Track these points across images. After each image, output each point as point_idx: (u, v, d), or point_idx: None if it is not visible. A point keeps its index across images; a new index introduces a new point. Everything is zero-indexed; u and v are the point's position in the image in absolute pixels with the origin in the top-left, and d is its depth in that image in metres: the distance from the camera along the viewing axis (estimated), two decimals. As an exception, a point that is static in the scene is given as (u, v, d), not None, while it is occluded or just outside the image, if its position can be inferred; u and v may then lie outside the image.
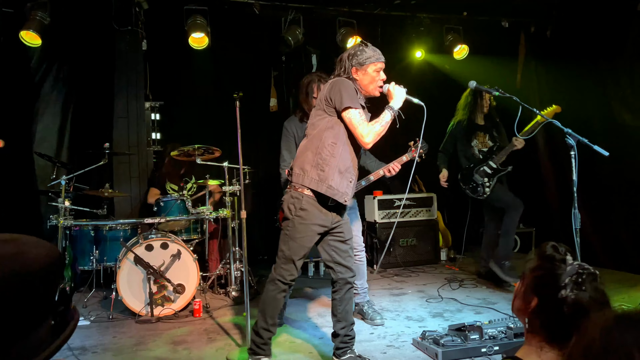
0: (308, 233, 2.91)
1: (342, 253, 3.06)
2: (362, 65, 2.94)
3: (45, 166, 5.54)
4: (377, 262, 5.94)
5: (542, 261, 1.48)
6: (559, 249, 1.47)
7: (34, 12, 4.95)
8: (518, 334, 3.18)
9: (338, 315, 3.09)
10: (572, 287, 1.37)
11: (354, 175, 3.00)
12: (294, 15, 5.78)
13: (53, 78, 5.75)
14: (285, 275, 2.96)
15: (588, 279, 1.38)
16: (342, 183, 2.91)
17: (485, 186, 4.81)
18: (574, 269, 1.40)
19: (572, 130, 2.92)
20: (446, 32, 6.33)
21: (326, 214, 2.94)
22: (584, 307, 1.35)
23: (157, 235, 4.34)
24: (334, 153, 2.88)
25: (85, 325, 4.06)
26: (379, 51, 3.00)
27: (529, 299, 1.47)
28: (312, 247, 3.06)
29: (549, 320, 1.40)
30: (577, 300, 1.35)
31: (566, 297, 1.36)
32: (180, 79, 6.18)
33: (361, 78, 2.97)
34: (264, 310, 3.01)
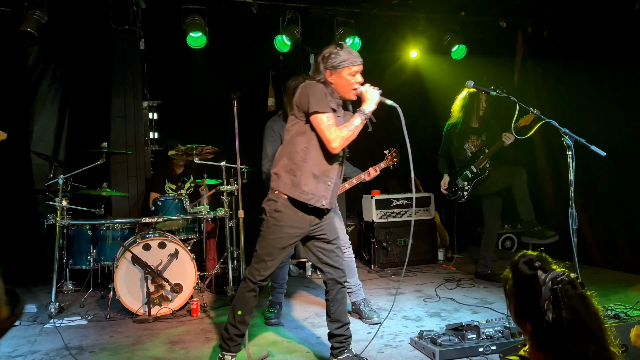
0: (280, 235, 2.90)
1: (328, 253, 3.04)
2: (336, 68, 2.87)
3: (43, 165, 5.54)
4: (375, 261, 5.95)
5: (517, 286, 1.47)
6: (532, 263, 1.46)
7: (31, 11, 4.93)
8: (515, 333, 3.19)
9: (332, 315, 3.09)
10: (553, 309, 1.37)
11: (334, 178, 2.95)
12: (291, 14, 5.78)
13: (50, 77, 5.74)
14: (254, 275, 2.95)
15: (565, 289, 1.37)
16: (319, 187, 2.88)
17: (464, 190, 4.87)
18: (548, 290, 1.38)
19: (569, 131, 2.92)
20: (444, 32, 6.33)
21: (303, 216, 2.91)
22: (567, 323, 1.35)
23: (154, 234, 4.33)
24: (306, 158, 2.87)
25: (82, 325, 4.05)
26: (355, 53, 2.92)
27: (522, 323, 1.47)
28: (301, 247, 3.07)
29: (546, 340, 1.40)
30: (559, 320, 1.36)
31: (550, 320, 1.37)
32: (178, 78, 6.17)
33: (336, 81, 2.91)
34: (233, 307, 3.02)
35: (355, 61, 2.90)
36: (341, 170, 3.05)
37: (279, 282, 4.05)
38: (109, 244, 4.62)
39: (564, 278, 1.39)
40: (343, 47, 2.91)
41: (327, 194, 2.92)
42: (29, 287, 5.30)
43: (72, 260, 4.69)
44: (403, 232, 6.06)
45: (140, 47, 5.69)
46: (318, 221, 2.99)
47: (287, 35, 5.74)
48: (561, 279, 1.39)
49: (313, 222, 2.97)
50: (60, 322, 4.06)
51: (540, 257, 1.46)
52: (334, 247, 3.06)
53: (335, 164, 2.96)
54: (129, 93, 5.64)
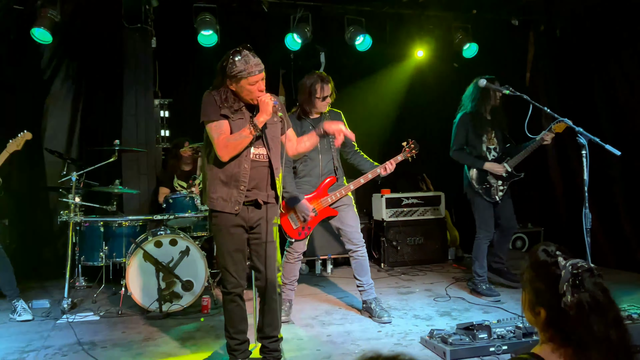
0: (225, 237, 2.94)
1: (258, 257, 3.01)
2: (234, 78, 2.81)
3: (55, 162, 5.58)
4: (385, 260, 5.94)
5: (537, 271, 1.46)
6: (549, 252, 1.45)
7: (44, 9, 4.98)
8: (527, 333, 3.17)
9: (260, 324, 3.06)
10: (572, 292, 1.35)
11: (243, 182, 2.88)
12: (302, 13, 5.79)
13: (63, 75, 5.79)
14: (225, 284, 2.99)
15: (584, 276, 1.37)
16: (232, 192, 2.88)
17: (499, 189, 4.55)
18: (568, 273, 1.37)
19: (583, 129, 2.90)
20: (455, 31, 6.30)
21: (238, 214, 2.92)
22: (587, 306, 1.34)
23: (166, 231, 4.36)
24: (211, 167, 2.92)
25: (94, 321, 4.10)
26: (252, 62, 2.77)
27: (537, 310, 1.46)
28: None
29: (561, 328, 1.39)
30: (580, 303, 1.34)
31: (569, 303, 1.35)
32: (189, 76, 6.19)
33: (237, 89, 2.86)
34: (225, 324, 3.06)
35: (251, 72, 2.78)
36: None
37: (289, 280, 4.06)
38: (121, 240, 4.65)
39: (584, 265, 1.39)
40: (241, 56, 2.78)
41: (240, 199, 2.88)
42: (42, 283, 5.35)
43: (84, 257, 4.73)
44: (413, 231, 6.04)
45: (151, 45, 5.72)
46: (258, 218, 2.97)
47: (298, 33, 5.74)
48: (581, 265, 1.39)
49: (254, 219, 2.96)
50: (73, 318, 4.10)
51: (560, 247, 1.46)
52: (264, 249, 2.99)
53: (247, 166, 2.89)
54: (140, 91, 5.67)
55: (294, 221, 3.92)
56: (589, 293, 1.35)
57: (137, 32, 5.58)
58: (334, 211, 4.02)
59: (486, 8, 6.21)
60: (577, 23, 5.81)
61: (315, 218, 3.98)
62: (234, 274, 2.96)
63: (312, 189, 3.97)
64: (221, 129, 2.85)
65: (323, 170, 3.98)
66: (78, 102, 5.85)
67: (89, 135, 5.87)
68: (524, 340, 3.13)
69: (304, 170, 3.99)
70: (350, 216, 4.03)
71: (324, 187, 3.97)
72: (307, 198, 3.93)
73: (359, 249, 4.03)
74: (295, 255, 4.04)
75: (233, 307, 3.00)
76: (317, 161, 3.97)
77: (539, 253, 1.46)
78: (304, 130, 3.94)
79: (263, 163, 2.96)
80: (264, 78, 2.86)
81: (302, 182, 3.98)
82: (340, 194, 3.98)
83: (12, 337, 3.75)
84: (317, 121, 4.00)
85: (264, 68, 2.87)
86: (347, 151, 4.18)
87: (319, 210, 3.97)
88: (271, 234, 3.00)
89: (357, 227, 4.07)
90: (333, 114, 4.10)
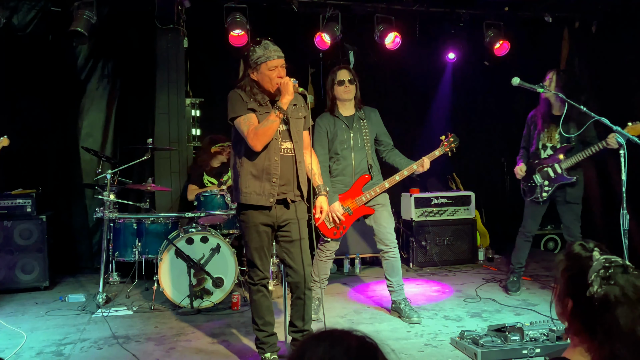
0: (252, 235, 3.00)
1: (290, 255, 3.04)
2: (255, 66, 2.92)
3: (91, 160, 5.74)
4: (413, 260, 5.90)
5: (570, 261, 1.45)
6: (586, 247, 1.44)
7: (80, 10, 5.11)
8: (560, 336, 3.11)
9: (291, 318, 3.09)
10: (600, 283, 1.33)
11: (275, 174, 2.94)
12: (331, 12, 5.78)
13: (98, 75, 5.93)
14: (252, 276, 3.08)
15: (616, 271, 1.34)
16: (264, 185, 2.93)
17: (544, 190, 4.33)
18: (599, 264, 1.35)
19: (621, 129, 2.82)
20: (486, 28, 6.21)
21: (266, 213, 2.97)
22: (615, 299, 1.31)
23: (197, 229, 4.43)
24: (242, 162, 2.98)
25: (128, 315, 4.19)
26: (271, 48, 2.90)
27: (565, 301, 1.45)
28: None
29: (586, 320, 1.37)
30: (607, 296, 1.32)
31: (594, 294, 1.33)
32: (219, 76, 6.27)
33: (259, 79, 2.96)
34: (252, 315, 3.14)
35: (270, 56, 2.90)
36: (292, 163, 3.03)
37: (320, 277, 4.07)
38: (154, 237, 4.74)
39: (618, 261, 1.37)
40: (260, 44, 2.91)
41: (274, 191, 2.94)
42: (77, 278, 5.51)
43: (118, 253, 4.84)
44: (442, 231, 5.98)
45: (183, 45, 5.81)
46: (287, 218, 3.02)
47: (327, 32, 5.75)
48: (615, 260, 1.36)
49: (282, 218, 3.00)
50: (108, 312, 4.21)
51: (599, 244, 1.45)
52: (296, 247, 3.03)
53: (277, 159, 2.95)
54: (172, 90, 5.77)
55: (328, 221, 3.90)
56: (620, 287, 1.32)
57: (169, 32, 5.68)
58: (369, 209, 3.98)
59: (519, 5, 6.09)
60: (613, 17, 5.64)
61: (350, 217, 3.96)
62: (260, 268, 3.06)
63: (345, 188, 3.96)
64: (249, 121, 2.92)
65: (356, 168, 3.96)
66: (112, 101, 5.98)
67: (123, 133, 6.00)
68: (557, 344, 3.08)
69: (337, 170, 3.98)
70: (384, 216, 4.00)
71: (358, 185, 3.94)
72: (340, 197, 3.91)
73: (391, 249, 4.00)
74: (327, 253, 4.04)
75: (259, 297, 3.09)
76: (350, 160, 3.95)
77: (576, 246, 1.46)
78: (336, 128, 3.95)
79: (290, 156, 3.02)
80: (283, 65, 2.94)
81: (335, 182, 3.96)
82: (375, 192, 3.93)
83: (50, 329, 3.87)
84: (350, 119, 3.98)
85: (288, 61, 2.95)
86: (382, 149, 4.13)
87: (354, 209, 3.94)
88: (301, 231, 3.06)
89: (391, 228, 4.03)
90: (368, 111, 4.08)
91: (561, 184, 4.30)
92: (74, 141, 5.85)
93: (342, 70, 3.97)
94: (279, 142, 2.98)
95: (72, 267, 5.74)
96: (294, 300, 3.07)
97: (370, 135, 4.01)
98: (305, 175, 3.09)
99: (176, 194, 5.73)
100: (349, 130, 3.97)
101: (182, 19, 5.71)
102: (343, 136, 3.95)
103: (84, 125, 5.91)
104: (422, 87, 6.94)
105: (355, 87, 3.97)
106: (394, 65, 6.55)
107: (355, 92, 3.98)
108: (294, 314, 3.07)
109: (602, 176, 5.83)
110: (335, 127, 3.94)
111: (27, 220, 4.93)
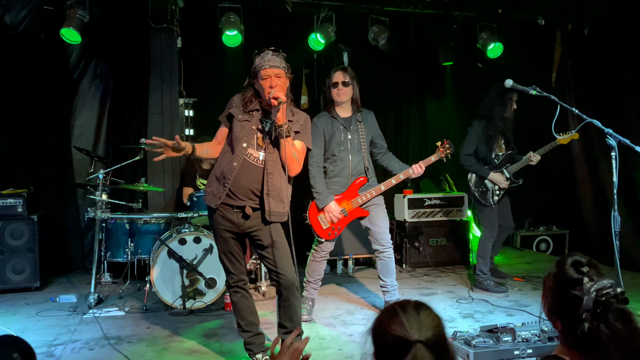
0: (218, 240, 3.06)
1: (268, 260, 3.01)
2: (254, 75, 2.95)
3: (83, 160, 5.70)
4: (406, 261, 5.91)
5: (560, 286, 1.43)
6: (578, 268, 1.41)
7: (73, 9, 5.09)
8: (552, 337, 3.13)
9: (280, 320, 3.08)
10: (592, 321, 1.32)
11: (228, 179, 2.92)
12: (326, 12, 5.79)
13: (91, 74, 5.90)
14: (227, 279, 3.13)
15: (609, 303, 1.32)
16: (219, 188, 2.97)
17: (495, 194, 4.70)
18: (590, 299, 1.33)
19: (612, 131, 2.84)
20: (480, 30, 6.24)
21: (228, 219, 2.98)
22: (606, 338, 1.31)
23: (190, 229, 4.41)
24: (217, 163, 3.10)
25: (120, 316, 4.17)
26: (267, 58, 2.88)
27: (553, 319, 1.44)
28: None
29: (577, 341, 1.37)
30: (598, 333, 1.32)
31: (586, 331, 1.33)
32: (213, 76, 6.25)
33: (257, 87, 2.97)
34: (236, 317, 3.17)
35: (263, 65, 2.88)
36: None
37: (314, 278, 4.08)
38: (146, 237, 4.72)
39: (609, 292, 1.33)
40: (261, 54, 2.93)
41: (221, 194, 2.94)
42: (69, 278, 5.47)
43: (110, 253, 4.82)
44: (435, 232, 6.00)
45: (177, 45, 5.79)
46: (253, 225, 2.98)
47: (321, 33, 5.75)
48: (607, 292, 1.33)
49: (247, 225, 2.96)
50: (99, 313, 4.18)
51: (590, 263, 1.41)
52: (270, 252, 2.99)
53: (236, 165, 2.91)
54: (166, 90, 5.75)
55: (323, 221, 3.90)
56: (609, 326, 1.31)
57: (163, 32, 5.66)
58: (364, 212, 3.99)
59: (512, 7, 6.13)
60: (606, 21, 5.68)
61: (346, 218, 3.96)
62: (233, 271, 3.09)
63: (342, 190, 3.96)
64: (217, 134, 3.11)
65: (353, 170, 3.96)
66: (105, 101, 5.95)
67: (115, 133, 5.97)
68: (549, 344, 3.09)
69: (334, 171, 3.97)
70: (380, 217, 4.00)
71: (354, 187, 3.94)
72: (336, 199, 3.91)
73: (386, 250, 4.01)
74: (322, 254, 4.03)
75: (238, 297, 3.13)
76: (347, 162, 3.95)
77: (568, 268, 1.42)
78: (333, 129, 3.93)
79: (257, 166, 2.95)
80: (278, 75, 2.89)
81: (332, 183, 3.96)
82: (371, 195, 3.94)
83: (41, 330, 3.84)
84: (348, 121, 3.98)
85: (284, 67, 2.91)
86: (376, 152, 4.15)
87: (349, 210, 3.95)
88: (273, 234, 2.99)
89: (386, 228, 4.04)
90: (365, 113, 4.08)
91: (511, 187, 4.73)
92: (66, 141, 5.81)
93: (337, 73, 3.95)
94: (247, 149, 2.94)
95: (64, 268, 5.71)
96: (281, 302, 3.03)
97: (366, 137, 4.02)
98: (279, 188, 2.96)
99: (169, 194, 5.71)
100: (347, 131, 3.96)
101: (176, 18, 5.70)
102: (340, 137, 3.94)
103: (76, 125, 5.88)
104: (415, 88, 6.96)
105: (351, 89, 3.94)
106: (388, 66, 6.56)
107: (351, 93, 3.96)
108: (283, 315, 3.05)
109: (595, 177, 5.88)
110: (333, 128, 3.93)
111: (18, 220, 4.88)
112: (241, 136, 2.94)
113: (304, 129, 3.06)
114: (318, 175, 3.87)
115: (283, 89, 2.89)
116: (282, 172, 2.95)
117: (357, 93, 3.99)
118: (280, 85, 2.88)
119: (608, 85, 5.66)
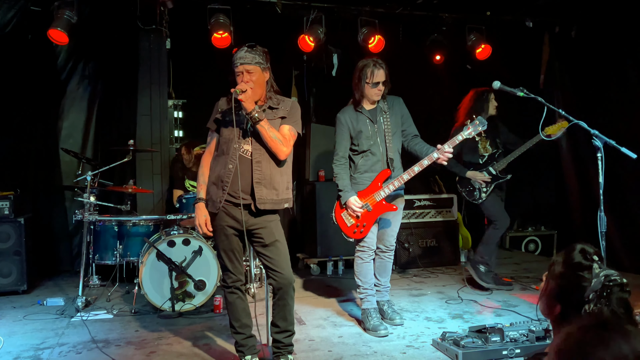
0: (220, 237, 3.04)
1: (268, 259, 3.01)
2: (232, 73, 2.99)
3: (71, 162, 5.66)
4: (396, 262, 5.92)
5: (567, 269, 1.46)
6: (587, 255, 1.45)
7: (61, 10, 5.04)
8: (540, 337, 3.15)
9: (273, 319, 3.09)
10: (597, 302, 1.36)
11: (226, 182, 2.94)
12: (315, 14, 5.79)
13: (79, 75, 5.86)
14: (225, 279, 3.12)
15: (615, 290, 1.36)
16: (218, 192, 2.99)
17: (482, 191, 4.77)
18: (599, 282, 1.37)
19: (598, 132, 2.86)
20: (468, 32, 6.27)
21: (232, 216, 2.98)
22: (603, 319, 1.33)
23: (179, 231, 4.39)
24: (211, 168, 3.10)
25: (108, 319, 4.14)
26: (239, 55, 2.91)
27: (553, 304, 1.45)
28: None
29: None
30: (599, 313, 1.34)
31: (590, 311, 1.35)
32: (202, 77, 6.23)
33: (233, 84, 2.98)
34: (229, 317, 3.15)
35: (235, 62, 2.94)
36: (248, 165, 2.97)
37: (368, 283, 3.89)
38: (135, 240, 4.69)
39: (617, 279, 1.39)
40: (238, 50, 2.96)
41: (221, 198, 2.95)
42: (56, 281, 5.42)
43: (98, 255, 4.79)
44: (425, 233, 6.02)
45: (166, 46, 5.77)
46: (256, 222, 2.99)
47: (311, 35, 5.75)
48: (614, 278, 1.39)
49: (249, 222, 2.97)
50: (87, 316, 4.15)
51: (598, 252, 1.46)
52: (270, 252, 3.00)
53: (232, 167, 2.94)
54: (155, 91, 5.72)
55: (347, 219, 3.76)
56: (612, 310, 1.35)
57: (151, 33, 5.63)
58: (391, 206, 3.77)
59: (500, 9, 6.17)
60: (593, 23, 5.75)
61: (370, 214, 3.74)
62: (232, 271, 3.07)
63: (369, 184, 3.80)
64: (209, 144, 3.13)
65: (384, 164, 3.79)
66: (93, 102, 5.91)
67: (104, 135, 5.93)
68: (537, 344, 3.11)
69: (365, 165, 3.80)
70: (396, 218, 3.94)
71: (377, 180, 3.75)
72: (359, 193, 3.75)
73: (389, 250, 3.98)
74: (368, 252, 3.85)
75: (234, 299, 3.11)
76: (379, 155, 3.78)
77: (576, 253, 1.46)
78: (359, 124, 3.78)
79: (248, 159, 2.97)
80: (249, 71, 2.91)
81: (363, 178, 3.79)
82: (394, 186, 3.73)
83: (27, 334, 3.80)
84: (373, 113, 3.82)
85: (258, 63, 2.91)
86: (403, 139, 3.93)
87: (373, 205, 3.72)
88: (273, 234, 3.01)
89: (395, 233, 3.97)
90: (391, 100, 3.90)
91: (498, 183, 4.81)
92: (53, 142, 5.76)
93: (379, 71, 3.70)
94: (241, 145, 2.96)
95: (52, 270, 5.66)
96: (276, 302, 3.05)
97: (392, 127, 3.82)
98: (269, 175, 2.97)
99: (158, 196, 5.69)
100: (374, 124, 3.79)
101: (164, 19, 5.67)
102: (368, 132, 3.77)
103: (64, 126, 5.84)
104: (405, 89, 6.96)
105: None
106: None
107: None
108: (276, 314, 3.06)
109: (582, 178, 5.93)
110: (359, 123, 3.78)
111: (5, 223, 4.82)
112: (231, 137, 2.96)
113: (290, 114, 3.06)
114: (342, 172, 3.76)
115: (257, 84, 2.92)
116: (270, 160, 2.98)
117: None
118: (253, 81, 2.90)
119: (595, 86, 5.72)
